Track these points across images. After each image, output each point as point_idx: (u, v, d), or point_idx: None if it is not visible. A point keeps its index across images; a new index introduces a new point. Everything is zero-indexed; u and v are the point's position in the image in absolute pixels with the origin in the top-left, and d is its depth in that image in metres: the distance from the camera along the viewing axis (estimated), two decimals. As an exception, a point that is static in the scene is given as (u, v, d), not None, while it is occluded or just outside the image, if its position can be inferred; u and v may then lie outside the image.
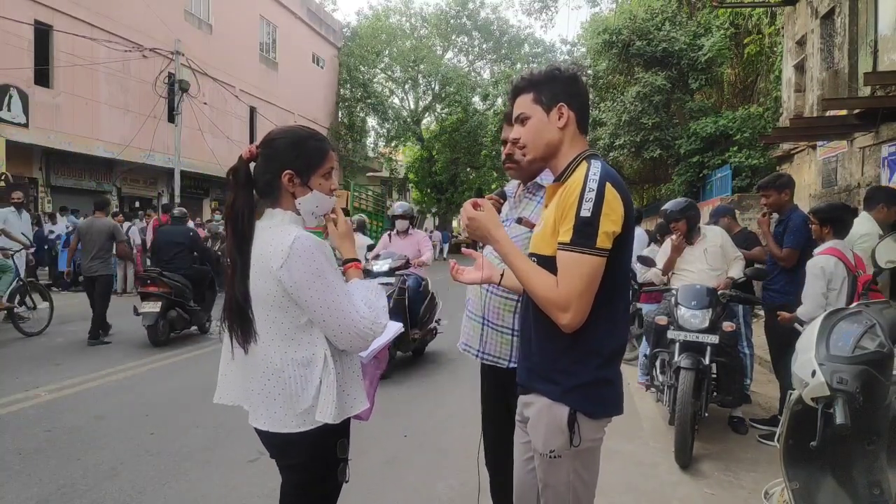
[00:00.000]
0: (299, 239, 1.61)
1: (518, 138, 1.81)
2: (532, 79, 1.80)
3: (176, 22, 18.34)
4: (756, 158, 13.89)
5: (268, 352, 1.67)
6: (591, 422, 1.69)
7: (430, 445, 4.26)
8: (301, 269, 1.59)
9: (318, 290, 1.60)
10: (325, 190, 1.76)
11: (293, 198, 1.72)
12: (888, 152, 6.95)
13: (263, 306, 1.65)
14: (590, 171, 1.65)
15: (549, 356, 1.73)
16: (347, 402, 1.71)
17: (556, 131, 1.76)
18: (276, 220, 1.70)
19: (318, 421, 1.64)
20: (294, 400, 1.65)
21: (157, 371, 6.27)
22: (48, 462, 3.80)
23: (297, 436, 1.66)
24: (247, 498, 3.38)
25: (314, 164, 1.73)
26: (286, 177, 1.69)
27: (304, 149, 1.73)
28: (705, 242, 4.74)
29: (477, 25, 34.73)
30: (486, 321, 2.41)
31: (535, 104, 1.77)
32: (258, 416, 1.71)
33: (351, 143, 31.08)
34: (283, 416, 1.66)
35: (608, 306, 1.68)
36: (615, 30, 18.10)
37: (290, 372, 1.65)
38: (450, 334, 6.70)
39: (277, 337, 1.66)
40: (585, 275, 1.59)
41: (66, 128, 14.89)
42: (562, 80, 1.78)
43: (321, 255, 1.62)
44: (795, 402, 1.76)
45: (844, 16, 8.47)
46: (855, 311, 1.81)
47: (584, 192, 1.61)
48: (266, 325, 1.66)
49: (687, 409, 3.81)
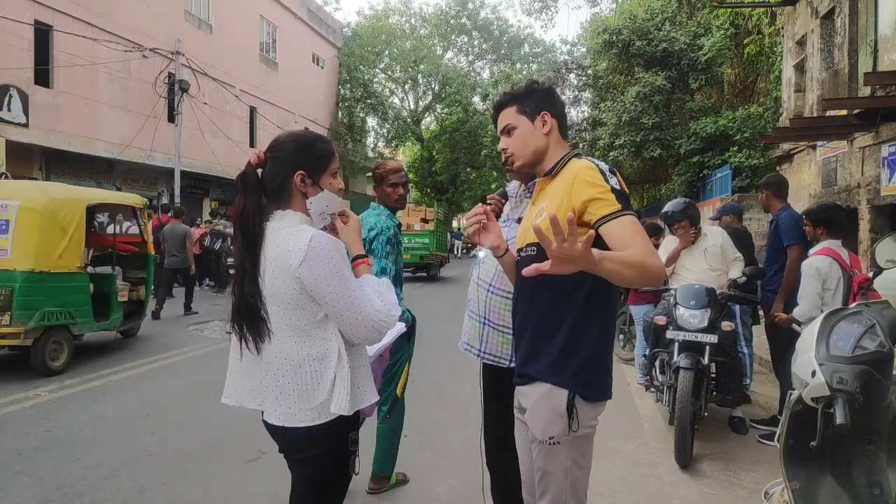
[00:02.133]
0: (315, 237, 1.66)
1: (506, 148, 1.94)
2: (513, 93, 1.94)
3: (176, 22, 18.34)
4: (756, 158, 13.89)
5: (283, 348, 1.72)
6: (588, 406, 1.77)
7: (430, 445, 4.26)
8: (320, 266, 1.64)
9: (336, 286, 1.66)
10: (334, 189, 1.82)
11: (304, 198, 1.77)
12: (888, 152, 6.95)
13: (280, 304, 1.70)
14: (587, 160, 1.81)
15: (548, 341, 1.79)
16: (359, 394, 1.76)
17: (542, 137, 1.90)
18: (286, 220, 1.75)
19: (332, 413, 1.70)
20: (310, 394, 1.70)
21: (157, 371, 6.27)
22: (48, 462, 3.80)
23: (313, 429, 1.71)
24: (247, 498, 3.38)
25: (324, 164, 1.80)
26: (299, 177, 1.75)
27: (314, 150, 1.79)
28: (705, 242, 4.76)
29: (477, 25, 34.72)
30: (487, 321, 2.41)
31: (519, 115, 1.92)
32: (272, 413, 1.75)
33: (351, 143, 31.08)
34: (299, 410, 1.71)
35: (604, 290, 1.77)
36: (615, 30, 18.11)
37: (307, 367, 1.71)
38: (450, 334, 6.70)
39: (294, 333, 1.71)
40: (643, 231, 1.73)
41: (66, 128, 14.89)
42: (541, 92, 1.93)
43: (337, 252, 1.69)
44: (795, 402, 1.76)
45: (844, 16, 8.47)
46: (855, 311, 1.81)
47: (604, 173, 1.74)
48: (283, 323, 1.71)
49: (686, 408, 3.81)
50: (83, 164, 16.12)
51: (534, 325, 1.83)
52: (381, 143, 34.71)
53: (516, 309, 1.94)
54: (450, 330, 7.06)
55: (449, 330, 7.14)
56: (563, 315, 1.78)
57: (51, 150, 14.84)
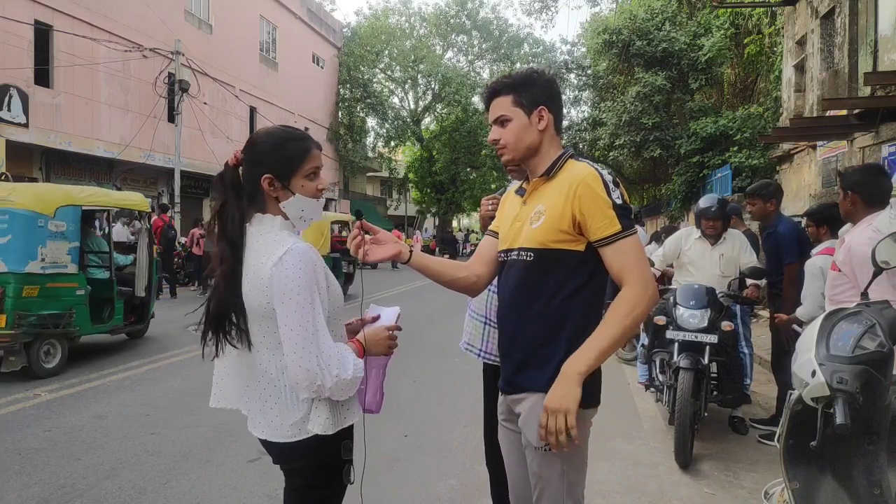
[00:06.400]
0: (291, 251, 1.55)
1: (498, 139, 1.83)
2: (511, 81, 1.81)
3: (176, 22, 18.34)
4: (756, 158, 13.89)
5: (262, 360, 1.64)
6: (582, 412, 1.71)
7: (430, 445, 4.26)
8: (282, 280, 1.53)
9: (289, 307, 1.52)
10: (310, 192, 1.67)
11: (278, 202, 1.66)
12: (888, 152, 6.96)
13: (256, 317, 1.61)
14: (588, 165, 1.75)
15: (547, 349, 1.73)
16: (341, 412, 1.67)
17: (537, 133, 1.80)
18: (265, 226, 1.65)
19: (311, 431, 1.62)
20: (289, 410, 1.63)
21: (157, 371, 6.27)
22: (48, 462, 3.80)
23: (296, 444, 1.64)
24: (247, 498, 3.38)
25: (294, 165, 1.64)
26: (265, 181, 1.62)
27: (283, 151, 1.64)
28: (723, 247, 4.66)
29: (476, 25, 34.72)
30: (489, 320, 2.41)
31: (515, 107, 1.79)
32: (256, 424, 1.70)
33: (351, 143, 31.09)
34: (280, 425, 1.64)
35: (601, 294, 1.76)
36: (615, 30, 18.12)
37: (286, 381, 1.62)
38: (451, 334, 6.70)
39: (272, 346, 1.62)
40: (642, 250, 1.72)
41: (66, 128, 14.89)
42: (540, 83, 1.81)
43: (307, 272, 1.55)
44: (795, 402, 1.76)
45: (844, 16, 8.47)
46: (855, 311, 1.81)
47: (607, 185, 1.70)
48: (260, 335, 1.63)
49: (686, 408, 3.81)
50: (83, 164, 16.12)
51: (530, 332, 1.76)
52: (380, 143, 34.70)
53: (505, 312, 1.86)
54: (449, 330, 7.06)
55: (448, 330, 7.14)
56: (562, 323, 1.72)
57: (51, 150, 14.85)
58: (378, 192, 43.42)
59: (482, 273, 1.99)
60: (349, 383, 1.58)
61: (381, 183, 43.92)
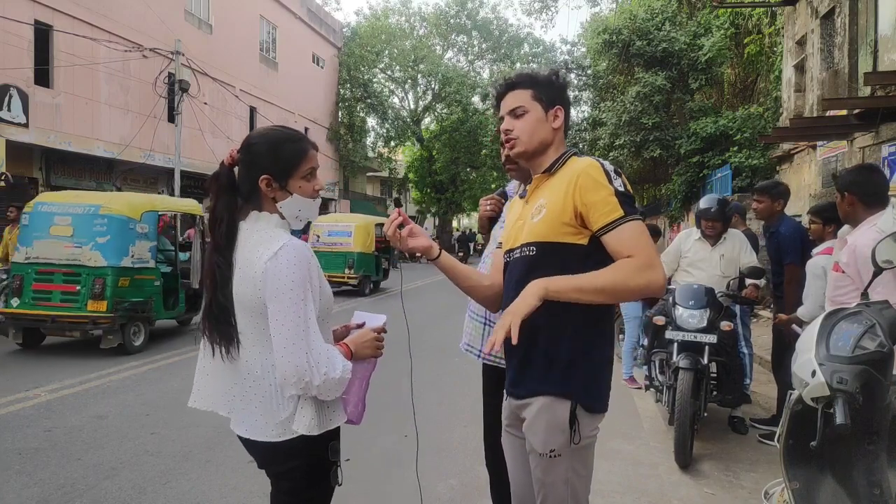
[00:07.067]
0: (286, 247, 1.56)
1: (511, 129, 1.82)
2: (534, 77, 1.85)
3: (176, 22, 18.33)
4: (756, 158, 13.88)
5: (248, 356, 1.63)
6: (589, 417, 1.72)
7: (430, 445, 4.26)
8: (277, 275, 1.53)
9: (282, 302, 1.53)
10: (308, 192, 1.69)
11: (274, 202, 1.67)
12: (888, 152, 6.95)
13: (245, 312, 1.60)
14: (592, 159, 1.77)
15: (551, 351, 1.71)
16: (327, 413, 1.65)
17: (551, 131, 1.83)
18: (261, 223, 1.66)
19: (296, 431, 1.61)
20: (274, 408, 1.62)
21: (157, 371, 6.28)
22: (48, 462, 3.80)
23: (280, 444, 1.63)
24: (247, 498, 3.38)
25: (292, 166, 1.66)
26: (263, 182, 1.64)
27: (280, 152, 1.66)
28: (724, 247, 4.65)
29: (476, 25, 34.70)
30: (489, 321, 2.41)
31: (534, 101, 1.82)
32: (239, 423, 1.69)
33: (351, 143, 31.08)
34: (264, 424, 1.63)
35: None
36: (615, 30, 18.11)
37: (270, 379, 1.61)
38: (451, 334, 6.70)
39: (259, 343, 1.61)
40: (648, 235, 1.68)
41: (66, 128, 14.88)
42: (558, 86, 1.86)
43: (301, 269, 1.56)
44: (795, 402, 1.76)
45: (844, 16, 8.48)
46: (855, 311, 1.80)
47: (608, 173, 1.69)
48: (248, 331, 1.62)
49: (686, 409, 3.81)
50: (83, 164, 16.12)
51: (533, 333, 1.69)
52: (380, 143, 34.70)
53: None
54: (449, 330, 7.06)
55: (448, 330, 7.14)
56: (567, 324, 1.69)
57: (51, 150, 14.84)
58: (378, 192, 43.41)
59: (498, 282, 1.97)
60: (337, 383, 1.58)
61: (381, 183, 43.89)
